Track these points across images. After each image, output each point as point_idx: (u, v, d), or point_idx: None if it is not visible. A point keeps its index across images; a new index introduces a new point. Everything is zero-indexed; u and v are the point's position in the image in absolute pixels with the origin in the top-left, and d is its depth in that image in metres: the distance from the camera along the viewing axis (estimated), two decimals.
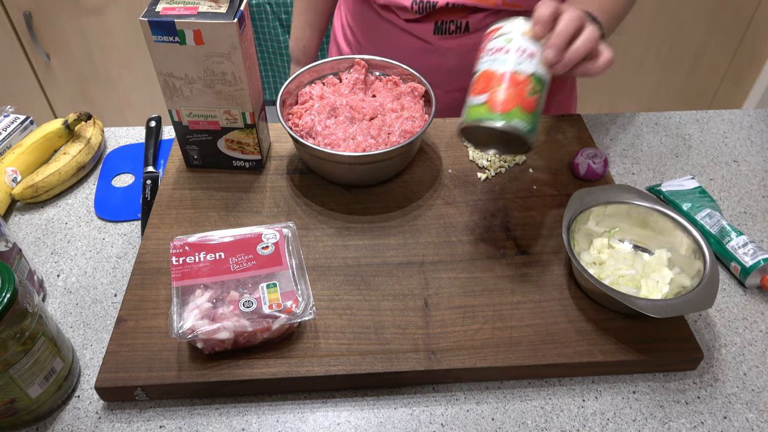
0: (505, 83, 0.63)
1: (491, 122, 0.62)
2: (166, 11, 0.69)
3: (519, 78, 0.63)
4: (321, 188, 0.81)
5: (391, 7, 0.90)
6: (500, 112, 0.62)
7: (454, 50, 0.91)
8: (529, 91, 0.63)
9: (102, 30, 1.79)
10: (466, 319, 0.66)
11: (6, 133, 0.89)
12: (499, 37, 0.65)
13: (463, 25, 0.88)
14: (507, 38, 0.65)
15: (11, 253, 0.67)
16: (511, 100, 0.62)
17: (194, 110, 0.77)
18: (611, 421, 0.61)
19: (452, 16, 0.88)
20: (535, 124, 0.63)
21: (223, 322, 0.60)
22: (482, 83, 0.64)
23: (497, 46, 0.65)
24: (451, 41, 0.90)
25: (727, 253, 0.73)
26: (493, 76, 0.64)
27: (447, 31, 0.89)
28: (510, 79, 0.63)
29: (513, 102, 0.62)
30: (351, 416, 0.61)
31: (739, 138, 0.94)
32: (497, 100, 0.62)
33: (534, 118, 0.63)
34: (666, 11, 1.84)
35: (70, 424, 0.61)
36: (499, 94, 0.62)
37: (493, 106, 0.62)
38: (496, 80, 0.63)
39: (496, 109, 0.62)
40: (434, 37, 0.90)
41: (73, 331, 0.69)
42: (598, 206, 0.71)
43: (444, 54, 0.91)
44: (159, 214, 0.78)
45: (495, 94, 0.63)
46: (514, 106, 0.62)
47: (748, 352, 0.67)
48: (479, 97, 0.64)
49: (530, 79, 0.63)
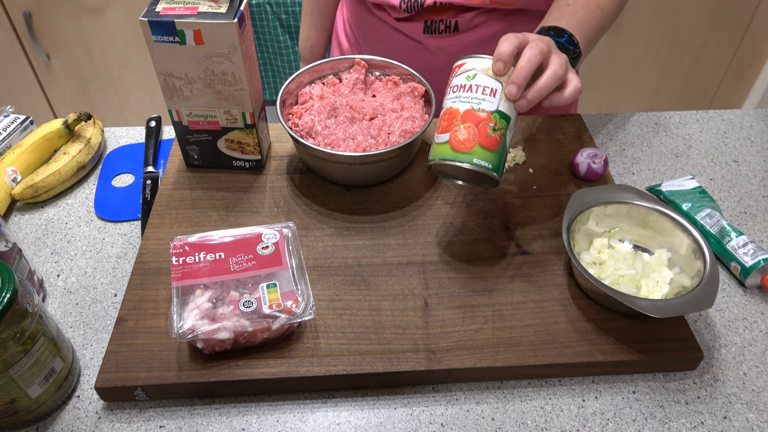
0: (466, 122, 0.63)
1: (454, 162, 0.63)
2: (166, 11, 0.69)
3: (480, 116, 0.63)
4: (321, 188, 0.81)
5: (383, 6, 0.91)
6: (462, 151, 0.63)
7: (444, 49, 0.91)
8: (490, 129, 0.63)
9: (102, 30, 1.79)
10: (466, 319, 0.66)
11: (6, 133, 0.89)
12: (462, 74, 0.65)
13: (452, 25, 0.88)
14: (468, 75, 0.65)
15: (11, 253, 0.67)
16: (472, 139, 0.63)
17: (194, 110, 0.77)
18: (611, 421, 0.61)
19: (441, 15, 0.88)
20: (498, 161, 0.64)
21: (223, 322, 0.60)
22: (446, 121, 0.65)
23: (460, 83, 0.65)
24: (440, 40, 0.90)
25: (727, 253, 0.73)
26: (456, 114, 0.64)
27: (436, 30, 0.89)
28: (471, 117, 0.63)
29: (473, 141, 0.63)
30: (351, 416, 0.61)
31: (739, 138, 0.94)
32: (458, 138, 0.63)
33: (496, 156, 0.63)
34: (666, 11, 1.84)
35: (70, 424, 0.61)
36: (461, 133, 0.63)
37: (454, 145, 0.63)
38: (459, 118, 0.64)
39: (458, 148, 0.63)
40: (424, 36, 0.90)
41: (73, 331, 0.69)
42: (598, 206, 0.71)
43: (434, 53, 0.92)
44: (159, 214, 0.78)
45: (456, 133, 0.63)
46: (475, 144, 0.62)
47: (748, 352, 0.67)
48: (443, 135, 0.64)
49: (492, 117, 0.63)
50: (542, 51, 0.62)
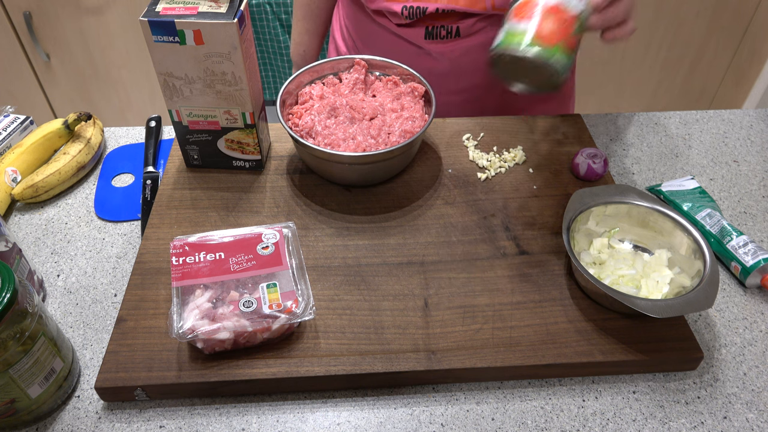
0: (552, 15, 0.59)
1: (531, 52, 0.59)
2: (166, 11, 0.69)
3: (566, 15, 0.60)
4: (321, 188, 0.81)
5: (383, 12, 0.91)
6: (545, 43, 0.59)
7: (445, 55, 0.91)
8: (573, 30, 0.60)
9: (102, 30, 1.79)
10: (466, 319, 0.66)
11: (6, 133, 0.89)
12: None
13: (453, 30, 0.88)
14: None
15: (11, 253, 0.67)
16: (557, 34, 0.59)
17: (194, 110, 0.77)
18: (611, 421, 0.61)
19: (443, 21, 0.88)
20: (568, 66, 0.61)
21: (223, 322, 0.60)
22: (527, 9, 0.61)
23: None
24: (442, 46, 0.90)
25: (727, 252, 0.73)
26: (538, 4, 0.60)
27: (438, 36, 0.89)
28: (558, 13, 0.60)
29: (558, 37, 0.59)
30: (351, 416, 0.61)
31: (739, 138, 0.94)
32: (544, 30, 0.59)
33: (569, 60, 0.61)
34: (666, 11, 1.84)
35: (70, 424, 0.61)
36: (547, 24, 0.59)
37: (538, 36, 0.59)
38: (544, 10, 0.60)
39: (543, 39, 0.59)
40: (425, 42, 0.90)
41: (73, 331, 0.69)
42: (598, 206, 0.71)
43: (436, 58, 0.92)
44: (159, 214, 0.78)
45: (542, 24, 0.59)
46: (559, 41, 0.59)
47: (748, 352, 0.67)
48: (522, 23, 0.60)
49: (576, 19, 0.60)
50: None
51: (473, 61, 0.92)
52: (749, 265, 0.71)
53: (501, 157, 0.85)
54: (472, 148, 0.86)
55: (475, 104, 0.98)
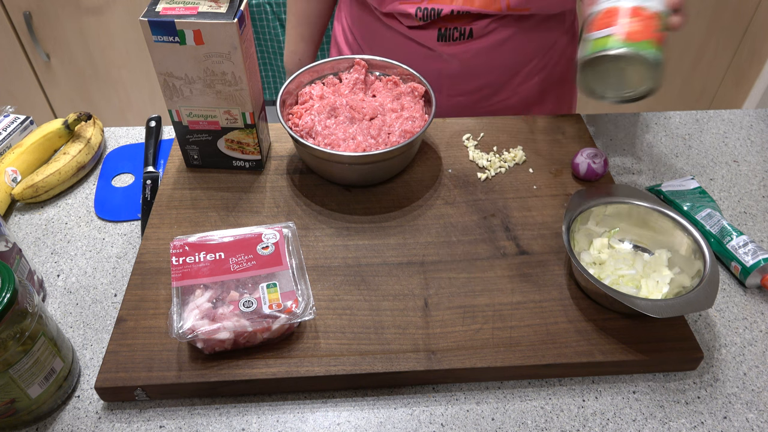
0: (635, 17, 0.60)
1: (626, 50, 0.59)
2: (166, 11, 0.69)
3: (646, 13, 0.60)
4: (321, 188, 0.81)
5: (394, 15, 0.90)
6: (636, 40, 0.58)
7: (457, 56, 0.91)
8: (658, 27, 0.60)
9: (102, 30, 1.79)
10: (466, 319, 0.66)
11: (6, 133, 0.89)
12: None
13: (467, 32, 0.88)
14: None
15: (11, 253, 0.67)
16: (644, 31, 0.59)
17: (194, 110, 0.77)
18: (611, 421, 0.61)
19: (456, 23, 0.88)
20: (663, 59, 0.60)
21: (223, 322, 0.60)
22: (608, 17, 0.61)
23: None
24: (454, 47, 0.90)
25: (727, 252, 0.73)
26: (617, 11, 0.61)
27: (451, 38, 0.89)
28: (639, 13, 0.60)
29: (646, 33, 0.59)
30: (351, 416, 0.61)
31: (739, 138, 0.94)
32: (632, 30, 0.59)
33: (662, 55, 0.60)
34: None
35: (70, 424, 0.61)
36: (631, 25, 0.59)
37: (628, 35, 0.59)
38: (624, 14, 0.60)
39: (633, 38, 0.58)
40: (437, 44, 0.90)
41: (73, 331, 0.69)
42: (598, 206, 0.71)
43: (447, 60, 0.91)
44: (159, 214, 0.78)
45: (628, 25, 0.59)
46: (649, 37, 0.59)
47: (748, 352, 0.67)
48: (606, 30, 0.61)
49: (657, 16, 0.61)
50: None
51: (484, 63, 0.92)
52: (749, 265, 0.71)
53: (501, 157, 0.85)
54: (472, 148, 0.86)
55: (484, 105, 0.98)
